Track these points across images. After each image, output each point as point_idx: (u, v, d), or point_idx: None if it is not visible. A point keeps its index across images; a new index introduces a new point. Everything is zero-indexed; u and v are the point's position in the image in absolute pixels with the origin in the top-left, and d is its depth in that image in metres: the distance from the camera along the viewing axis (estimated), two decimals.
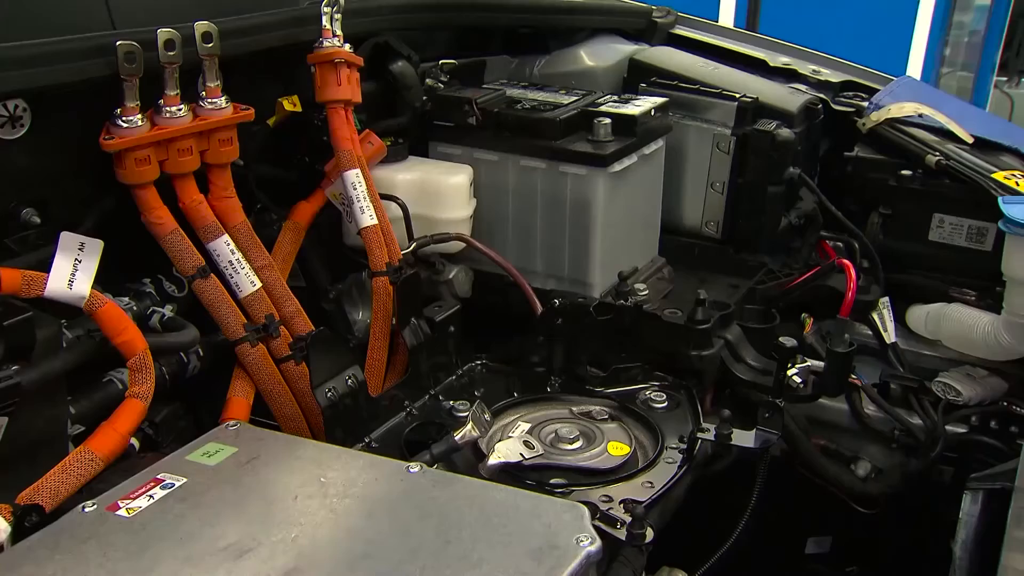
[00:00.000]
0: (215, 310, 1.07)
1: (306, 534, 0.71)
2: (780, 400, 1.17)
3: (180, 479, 0.79)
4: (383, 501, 0.75)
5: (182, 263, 1.05)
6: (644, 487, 1.04)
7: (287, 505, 0.75)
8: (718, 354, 1.32)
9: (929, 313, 1.48)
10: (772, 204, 1.56)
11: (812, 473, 1.36)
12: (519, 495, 0.76)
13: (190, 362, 1.07)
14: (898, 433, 1.38)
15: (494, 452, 0.85)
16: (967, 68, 4.77)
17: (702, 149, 1.54)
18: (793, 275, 1.52)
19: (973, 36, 4.73)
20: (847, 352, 1.20)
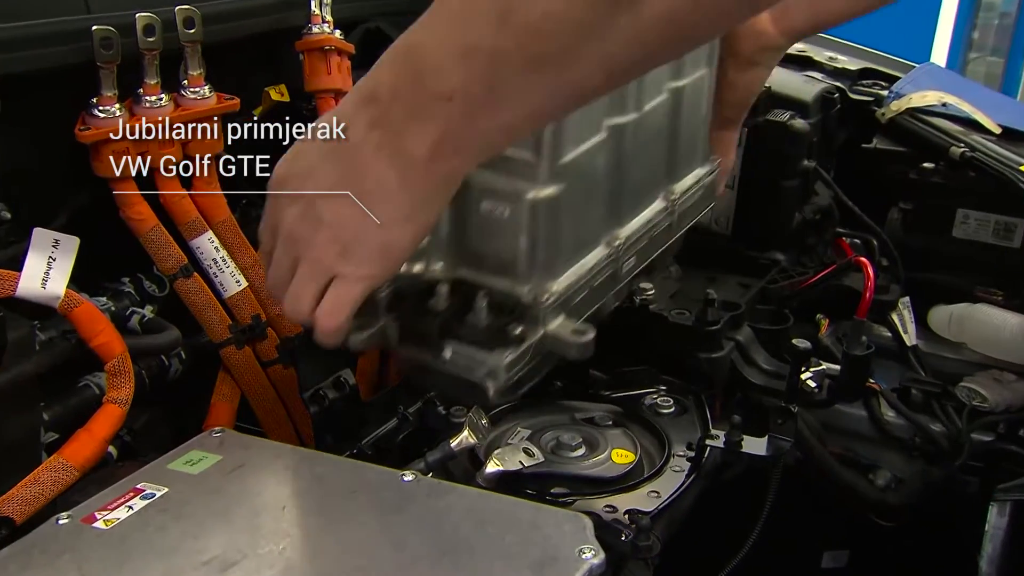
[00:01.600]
0: (198, 311, 1.07)
1: (295, 546, 0.72)
2: (794, 405, 1.17)
3: (161, 489, 0.79)
4: (376, 511, 0.75)
5: (163, 261, 1.05)
6: (650, 497, 1.05)
7: (275, 516, 0.76)
8: (728, 357, 1.32)
9: (953, 314, 1.49)
10: (785, 199, 1.56)
11: (828, 483, 1.36)
12: (518, 505, 0.76)
13: (171, 365, 1.07)
14: (919, 441, 1.38)
15: (492, 460, 0.85)
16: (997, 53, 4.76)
17: None
18: (807, 274, 1.53)
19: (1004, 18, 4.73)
20: (865, 355, 1.20)
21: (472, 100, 0.69)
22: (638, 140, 1.00)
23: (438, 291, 0.86)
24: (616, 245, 0.98)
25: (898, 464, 1.42)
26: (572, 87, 0.69)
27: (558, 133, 0.87)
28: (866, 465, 1.43)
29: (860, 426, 1.43)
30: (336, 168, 0.77)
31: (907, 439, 1.40)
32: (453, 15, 0.70)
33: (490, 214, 0.89)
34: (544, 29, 0.64)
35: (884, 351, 1.47)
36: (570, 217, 0.91)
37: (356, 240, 0.77)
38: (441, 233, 0.92)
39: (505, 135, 0.73)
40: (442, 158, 0.73)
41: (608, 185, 0.97)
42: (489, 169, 0.88)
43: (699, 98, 1.13)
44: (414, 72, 0.71)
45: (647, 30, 0.63)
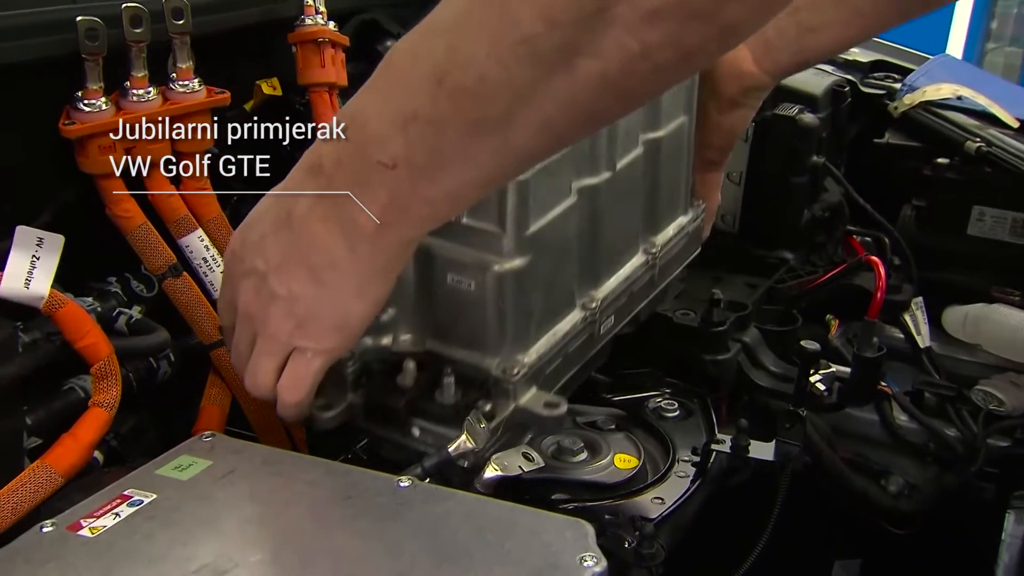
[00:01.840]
0: (188, 311, 1.08)
1: (287, 554, 0.72)
2: (802, 409, 1.18)
3: (149, 495, 0.79)
4: (371, 518, 0.76)
5: (151, 260, 1.06)
6: (654, 503, 1.05)
7: (267, 523, 0.76)
8: (734, 359, 1.33)
9: (968, 314, 1.49)
10: (794, 196, 1.57)
11: (838, 489, 1.37)
12: (518, 511, 0.76)
13: (160, 368, 1.07)
14: (933, 446, 1.38)
15: (490, 464, 0.86)
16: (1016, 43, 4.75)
17: None
18: (817, 273, 1.53)
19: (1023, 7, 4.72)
20: (876, 357, 1.21)
21: (415, 168, 0.71)
22: (613, 198, 1.00)
23: (405, 367, 0.88)
24: (592, 307, 0.99)
25: (911, 470, 1.42)
26: (515, 151, 0.70)
27: (523, 202, 0.88)
28: (878, 471, 1.42)
29: (871, 431, 1.43)
30: (285, 241, 0.79)
31: (920, 444, 1.40)
32: (392, 82, 0.72)
33: (456, 287, 0.90)
34: (481, 93, 0.66)
35: (896, 353, 1.47)
36: (540, 286, 0.92)
37: (310, 314, 0.80)
38: (408, 305, 0.93)
39: (452, 201, 0.75)
40: (389, 228, 0.75)
41: (581, 247, 0.97)
42: (454, 240, 0.90)
43: (679, 147, 1.12)
44: (356, 141, 0.74)
45: (583, 92, 0.65)
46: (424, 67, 0.69)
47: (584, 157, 0.96)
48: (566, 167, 0.93)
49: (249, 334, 0.84)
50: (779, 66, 1.11)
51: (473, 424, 0.86)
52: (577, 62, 0.63)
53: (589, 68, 0.63)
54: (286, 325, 0.81)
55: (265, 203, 0.84)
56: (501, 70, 0.64)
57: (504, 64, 0.64)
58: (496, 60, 0.64)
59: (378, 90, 0.74)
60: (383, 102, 0.73)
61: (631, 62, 0.62)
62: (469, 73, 0.66)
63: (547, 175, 0.89)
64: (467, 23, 0.66)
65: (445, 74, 0.67)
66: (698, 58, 0.65)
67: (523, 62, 0.64)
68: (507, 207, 0.88)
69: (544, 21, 0.62)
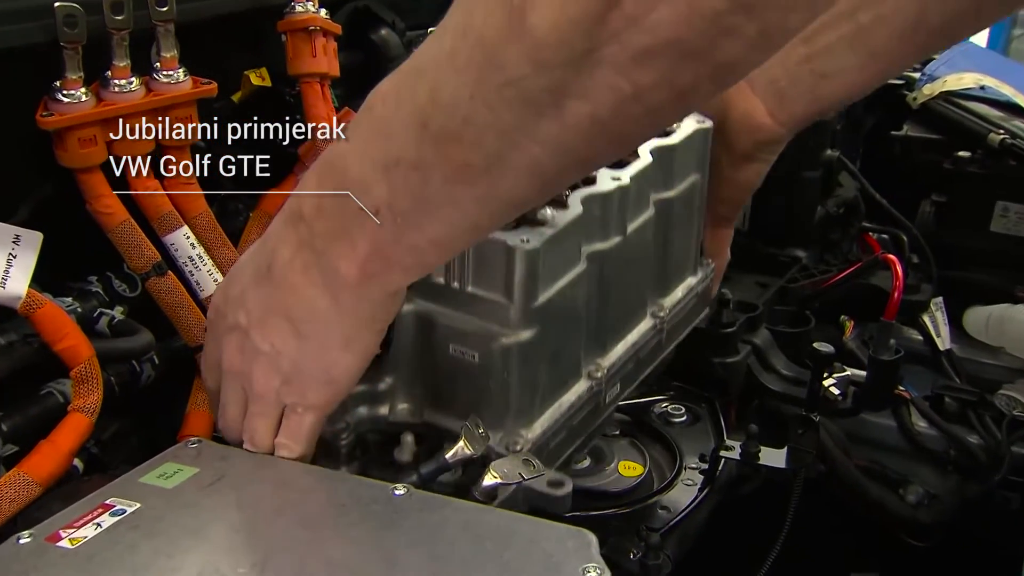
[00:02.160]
0: (173, 312, 1.08)
1: (278, 565, 0.72)
2: (815, 414, 1.19)
3: (132, 504, 0.79)
4: (365, 527, 0.76)
5: (134, 258, 1.06)
6: (660, 512, 1.06)
7: (256, 532, 0.76)
8: (744, 362, 1.34)
9: (991, 315, 1.50)
10: (807, 191, 1.57)
11: (854, 498, 1.37)
12: (518, 519, 0.77)
13: (143, 371, 1.07)
14: (954, 454, 1.39)
15: (489, 472, 0.86)
16: None
17: None
18: (831, 272, 1.54)
19: None
20: (893, 360, 1.21)
21: (399, 214, 0.71)
22: (622, 263, 1.00)
23: (403, 440, 0.88)
24: (599, 376, 0.98)
25: (931, 479, 1.43)
26: (503, 197, 0.70)
27: (532, 271, 0.87)
28: (896, 480, 1.43)
29: (889, 437, 1.44)
30: (266, 294, 0.80)
31: (941, 452, 1.41)
32: (374, 125, 0.72)
33: (458, 358, 0.90)
34: (466, 137, 0.66)
35: (915, 356, 1.48)
36: (547, 357, 0.91)
37: (295, 370, 0.80)
38: (406, 374, 0.93)
39: (438, 249, 0.75)
40: (373, 277, 0.76)
41: (589, 314, 0.97)
42: (457, 308, 0.90)
43: (690, 207, 1.12)
44: (338, 187, 0.74)
45: (573, 136, 0.65)
46: (406, 110, 0.69)
47: (594, 221, 0.95)
48: (576, 232, 0.92)
49: (236, 393, 0.84)
50: (794, 117, 1.10)
51: (471, 429, 0.87)
52: (566, 104, 0.63)
53: (579, 111, 0.63)
54: (272, 382, 0.81)
55: (246, 255, 0.84)
56: (487, 113, 0.64)
57: (490, 107, 0.64)
58: (482, 103, 0.64)
59: (360, 134, 0.74)
60: (365, 146, 0.73)
61: (623, 104, 0.62)
62: (454, 116, 0.66)
63: (557, 242, 0.89)
64: (450, 65, 0.66)
65: (428, 117, 0.67)
66: (692, 98, 0.64)
67: (510, 105, 0.64)
68: (515, 277, 0.87)
69: (531, 63, 0.62)
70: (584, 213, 0.93)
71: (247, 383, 0.82)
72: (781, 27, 0.60)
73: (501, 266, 0.87)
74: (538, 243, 0.87)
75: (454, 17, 0.67)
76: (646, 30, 0.58)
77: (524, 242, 0.86)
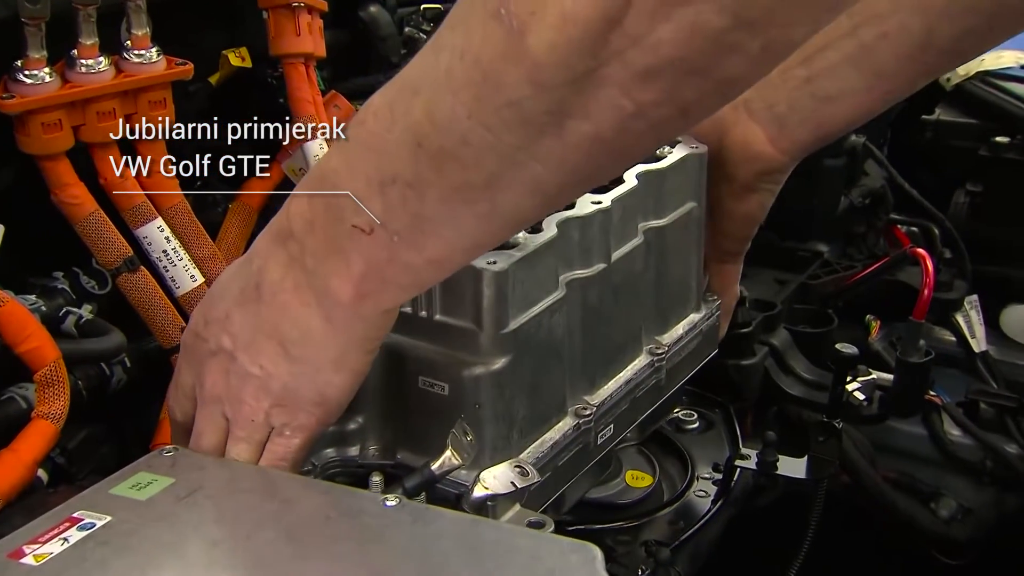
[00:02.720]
0: (146, 310, 1.08)
1: None
2: (838, 421, 1.19)
3: (103, 518, 0.79)
4: (354, 540, 0.76)
5: (104, 253, 1.06)
6: (670, 526, 1.07)
7: (237, 547, 0.77)
8: (761, 364, 1.34)
9: None
10: (829, 180, 1.58)
11: (880, 512, 1.38)
12: (517, 533, 0.77)
13: (114, 374, 1.08)
14: (990, 464, 1.40)
15: (479, 482, 0.86)
16: None
17: None
18: (855, 267, 1.55)
19: None
20: (923, 362, 1.22)
21: (394, 233, 0.73)
22: (609, 293, 1.01)
23: (372, 481, 0.88)
24: (586, 414, 0.98)
25: (965, 491, 1.43)
26: (503, 215, 0.72)
27: (500, 295, 0.88)
28: (927, 492, 1.44)
29: (919, 446, 1.44)
30: (253, 314, 0.81)
31: (975, 462, 1.41)
32: (368, 141, 0.74)
33: (428, 391, 0.91)
34: (464, 157, 0.68)
35: (947, 358, 1.49)
36: (524, 389, 0.92)
37: (287, 392, 0.82)
38: (376, 412, 0.95)
39: (435, 268, 0.77)
40: (368, 296, 0.77)
41: (573, 347, 0.98)
42: (425, 339, 0.91)
43: (687, 236, 1.13)
44: (330, 203, 0.75)
45: (575, 154, 0.67)
46: (400, 126, 0.71)
47: (573, 247, 0.97)
48: (550, 256, 0.94)
49: (216, 421, 0.86)
50: (796, 144, 1.10)
51: (459, 438, 0.87)
52: (567, 124, 0.65)
53: (580, 129, 0.65)
54: (262, 404, 0.83)
55: (228, 274, 0.86)
56: (485, 133, 0.67)
57: (488, 127, 0.66)
58: (480, 123, 0.66)
59: (353, 149, 0.75)
60: (358, 162, 0.74)
61: (625, 121, 0.64)
62: (450, 136, 0.68)
63: (528, 265, 0.90)
64: (447, 84, 0.68)
65: (424, 137, 0.69)
66: (696, 112, 0.67)
67: (509, 126, 0.66)
68: (483, 301, 0.88)
69: (531, 84, 0.64)
70: (560, 237, 0.94)
71: (233, 408, 0.84)
72: (784, 41, 0.62)
73: (469, 291, 0.89)
74: (506, 264, 0.88)
75: (449, 36, 0.68)
76: (648, 49, 0.60)
77: (491, 264, 0.87)
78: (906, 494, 1.42)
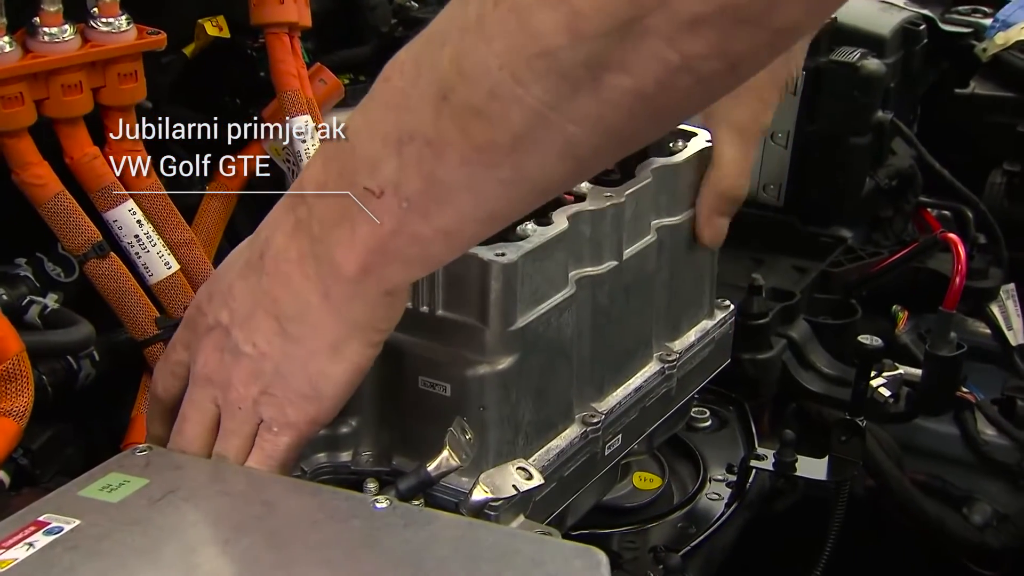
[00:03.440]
0: (116, 299, 1.09)
1: None
2: (862, 419, 1.18)
3: (71, 521, 0.79)
4: (343, 545, 0.77)
5: (70, 237, 1.07)
6: (681, 531, 1.08)
7: (217, 552, 0.78)
8: (779, 358, 1.35)
9: None
10: (854, 160, 1.58)
11: (908, 518, 1.38)
12: (517, 537, 0.79)
13: (82, 368, 1.08)
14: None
15: (479, 485, 0.87)
16: None
17: None
18: (881, 254, 1.55)
19: None
20: (954, 356, 1.22)
21: (404, 198, 0.74)
22: (620, 292, 1.01)
23: (367, 488, 0.89)
24: (594, 422, 0.99)
25: (1000, 496, 1.44)
26: (528, 181, 0.72)
27: (509, 289, 0.89)
28: (959, 497, 1.44)
29: (950, 447, 1.44)
30: (254, 286, 0.82)
31: (1012, 464, 1.41)
32: (390, 98, 0.75)
33: (429, 392, 0.92)
34: (490, 112, 0.68)
35: (980, 352, 1.49)
36: (530, 392, 0.93)
37: (278, 376, 0.82)
38: (371, 415, 0.95)
39: (447, 241, 0.77)
40: (370, 272, 0.78)
41: (581, 350, 0.99)
42: (426, 336, 0.92)
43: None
44: (343, 164, 0.76)
45: (613, 112, 0.67)
46: (426, 79, 0.71)
47: (584, 242, 0.97)
48: (560, 250, 0.94)
49: (204, 405, 0.86)
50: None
51: (457, 436, 0.87)
52: (606, 78, 0.65)
53: (620, 84, 0.65)
54: (250, 390, 0.83)
55: (238, 248, 0.86)
56: (515, 86, 0.67)
57: (519, 79, 0.66)
58: (510, 74, 0.67)
59: (373, 107, 0.76)
60: (378, 121, 0.75)
61: (670, 76, 0.64)
62: (478, 88, 0.68)
63: (537, 258, 0.91)
64: (478, 31, 0.68)
65: (450, 88, 0.69)
66: (746, 67, 0.67)
67: (542, 78, 0.66)
68: (490, 295, 0.89)
69: (569, 32, 0.64)
70: (571, 230, 0.95)
71: (223, 391, 0.84)
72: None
73: (475, 284, 0.89)
74: (516, 256, 0.89)
75: None
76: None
77: (500, 256, 0.88)
78: (936, 498, 1.41)
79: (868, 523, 1.29)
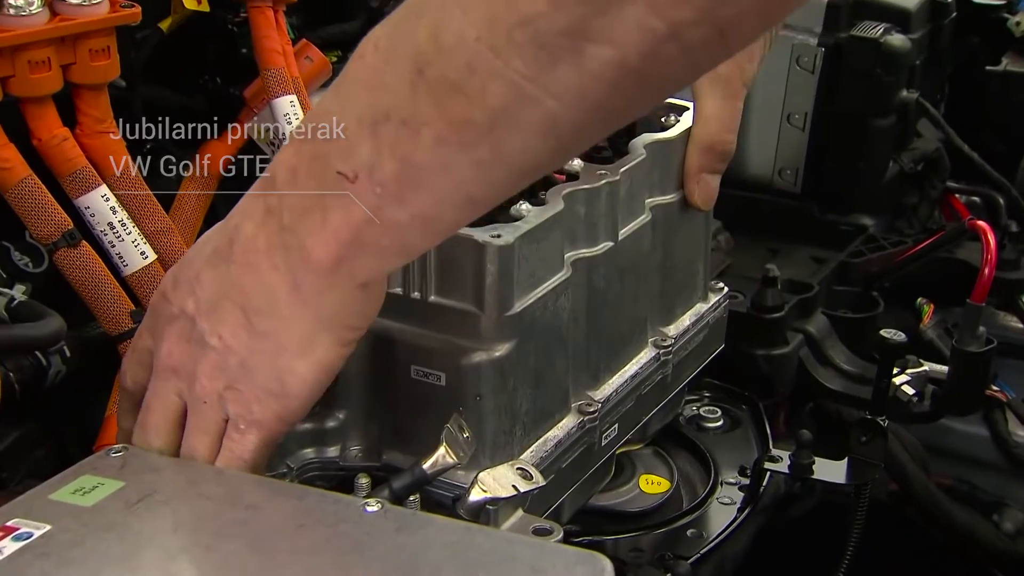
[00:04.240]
0: (88, 291, 1.09)
1: None
2: (883, 418, 1.19)
3: (41, 526, 0.80)
4: (331, 551, 0.78)
5: (39, 225, 1.07)
6: (690, 537, 1.09)
7: (196, 558, 0.78)
8: (795, 354, 1.36)
9: None
10: (876, 143, 1.58)
11: (934, 525, 1.39)
12: (517, 542, 0.79)
13: (51, 365, 1.09)
14: None
15: (476, 485, 0.88)
16: None
17: (776, 66, 1.57)
18: (905, 244, 1.56)
19: None
20: (983, 352, 1.23)
21: (378, 182, 0.75)
22: (615, 275, 1.03)
23: (357, 484, 0.90)
24: (591, 411, 1.01)
25: None
26: (507, 161, 0.74)
27: (506, 273, 0.90)
28: (988, 502, 1.45)
29: (979, 449, 1.45)
30: (222, 276, 0.83)
31: None
32: (365, 76, 0.76)
33: (421, 382, 0.93)
34: (468, 87, 0.70)
35: (1012, 348, 1.49)
36: (528, 380, 0.94)
37: (244, 371, 0.83)
38: (360, 407, 0.96)
39: (422, 227, 0.78)
40: (342, 262, 0.79)
41: (576, 335, 1.00)
42: (419, 323, 0.92)
43: (695, 215, 1.15)
44: (317, 149, 0.77)
45: (595, 85, 0.68)
46: (402, 54, 0.73)
47: (578, 222, 0.99)
48: (557, 231, 0.96)
49: (166, 396, 0.86)
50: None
51: (454, 433, 0.88)
52: (587, 49, 0.66)
53: (603, 56, 0.66)
54: (216, 384, 0.84)
55: (207, 233, 0.87)
56: (494, 58, 0.68)
57: (497, 51, 0.68)
58: (488, 46, 0.68)
59: (348, 86, 0.78)
60: (352, 100, 0.76)
61: (655, 46, 0.65)
62: (454, 61, 0.70)
63: (534, 240, 0.92)
64: (455, 1, 0.70)
65: (426, 62, 0.71)
66: (735, 36, 0.68)
67: (521, 49, 0.67)
68: (486, 279, 0.90)
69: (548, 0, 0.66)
70: (566, 211, 0.96)
71: (188, 384, 0.85)
72: None
73: (469, 268, 0.90)
74: (512, 238, 0.90)
75: None
76: None
77: (495, 237, 0.89)
78: (964, 504, 1.42)
79: (890, 530, 1.29)
